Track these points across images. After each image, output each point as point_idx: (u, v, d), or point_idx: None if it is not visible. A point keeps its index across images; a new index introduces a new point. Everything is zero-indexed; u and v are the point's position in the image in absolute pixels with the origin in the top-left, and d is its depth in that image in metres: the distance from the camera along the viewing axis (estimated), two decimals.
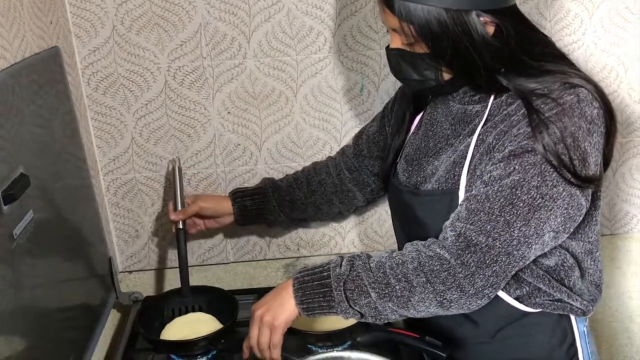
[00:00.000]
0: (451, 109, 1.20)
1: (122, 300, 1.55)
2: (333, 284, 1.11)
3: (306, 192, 1.46)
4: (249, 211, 1.46)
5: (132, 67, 1.45)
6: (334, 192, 1.46)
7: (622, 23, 1.50)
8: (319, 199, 1.46)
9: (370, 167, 1.44)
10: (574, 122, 1.02)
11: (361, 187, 1.46)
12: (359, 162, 1.44)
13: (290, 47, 1.46)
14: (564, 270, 1.15)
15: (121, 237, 1.60)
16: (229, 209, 1.46)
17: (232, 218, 1.47)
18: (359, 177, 1.45)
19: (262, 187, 1.48)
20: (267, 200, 1.46)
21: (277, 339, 1.14)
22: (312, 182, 1.46)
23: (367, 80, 1.51)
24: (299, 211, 1.48)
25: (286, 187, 1.46)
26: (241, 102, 1.50)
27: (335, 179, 1.46)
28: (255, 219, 1.48)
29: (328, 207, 1.48)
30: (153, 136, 1.51)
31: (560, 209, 1.04)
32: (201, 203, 1.45)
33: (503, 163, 1.05)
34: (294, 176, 1.48)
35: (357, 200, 1.49)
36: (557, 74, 1.07)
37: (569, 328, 1.20)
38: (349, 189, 1.46)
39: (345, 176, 1.46)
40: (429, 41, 1.06)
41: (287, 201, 1.46)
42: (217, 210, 1.46)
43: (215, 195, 1.52)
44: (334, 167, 1.47)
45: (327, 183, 1.46)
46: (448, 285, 1.05)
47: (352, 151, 1.46)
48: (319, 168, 1.48)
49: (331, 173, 1.46)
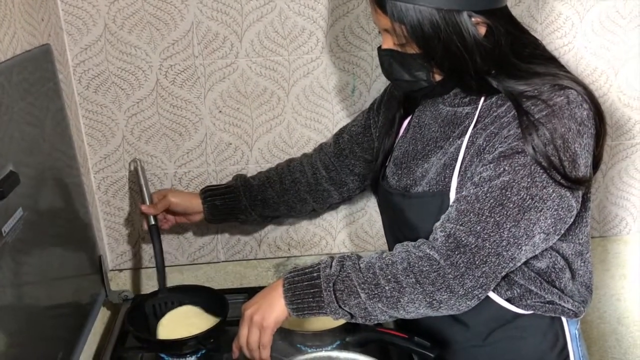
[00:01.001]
0: (440, 111, 1.20)
1: (112, 299, 1.54)
2: (323, 285, 1.11)
3: (279, 191, 1.45)
4: (219, 210, 1.45)
5: (123, 65, 1.45)
6: (307, 191, 1.46)
7: (612, 27, 1.50)
8: (292, 197, 1.46)
9: (350, 166, 1.43)
10: (564, 123, 1.03)
11: (338, 186, 1.46)
12: (339, 161, 1.44)
13: (282, 47, 1.46)
14: (555, 272, 1.15)
15: (111, 235, 1.60)
16: (198, 207, 1.45)
17: (202, 216, 1.47)
18: (336, 176, 1.45)
19: (233, 186, 1.46)
20: (237, 200, 1.45)
21: (266, 339, 1.14)
22: (285, 181, 1.45)
23: (359, 81, 1.51)
24: (271, 210, 1.47)
25: (258, 185, 1.45)
26: (233, 102, 1.50)
27: (309, 178, 1.45)
28: (225, 217, 1.48)
29: (301, 205, 1.48)
30: (144, 135, 1.51)
31: (550, 210, 1.04)
32: (171, 198, 1.44)
33: (493, 164, 1.06)
34: (267, 174, 1.47)
35: (332, 199, 1.49)
36: (546, 75, 1.08)
37: (561, 331, 1.20)
38: (324, 188, 1.46)
39: (322, 175, 1.45)
40: (420, 41, 1.06)
41: (259, 200, 1.45)
42: (186, 208, 1.46)
43: (186, 192, 1.52)
44: (309, 166, 1.46)
45: (300, 182, 1.45)
46: (437, 286, 1.05)
47: (333, 150, 1.45)
48: (293, 166, 1.47)
49: (306, 172, 1.46)
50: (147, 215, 1.44)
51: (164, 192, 1.46)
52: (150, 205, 1.44)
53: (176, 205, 1.45)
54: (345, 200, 1.53)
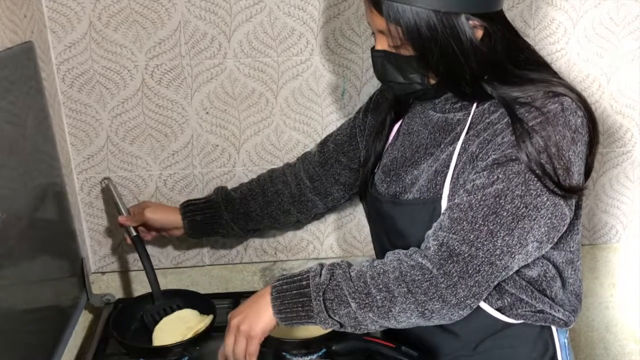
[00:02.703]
0: (431, 117, 1.18)
1: (94, 302, 1.51)
2: (312, 294, 1.08)
3: (262, 204, 1.42)
4: (200, 225, 1.42)
5: (108, 65, 1.42)
6: (291, 203, 1.43)
7: (605, 33, 1.49)
8: (276, 210, 1.43)
9: (336, 176, 1.40)
10: (558, 131, 1.01)
11: (323, 196, 1.43)
12: (324, 170, 1.41)
13: (272, 48, 1.43)
14: (546, 281, 1.14)
15: (94, 237, 1.56)
16: (178, 222, 1.42)
17: (183, 231, 1.43)
18: (321, 186, 1.42)
19: (213, 200, 1.43)
20: (218, 215, 1.42)
21: (253, 348, 1.11)
22: (267, 193, 1.42)
23: (349, 84, 1.49)
24: (254, 223, 1.44)
25: (240, 199, 1.42)
26: (220, 103, 1.47)
27: (293, 189, 1.42)
28: (206, 232, 1.45)
29: (285, 217, 1.45)
30: (129, 135, 1.48)
31: (544, 219, 1.03)
32: (148, 214, 1.41)
33: (486, 172, 1.04)
34: (249, 186, 1.44)
35: (317, 209, 1.46)
36: (540, 82, 1.06)
37: (550, 340, 1.19)
38: (308, 198, 1.43)
39: (306, 185, 1.42)
40: (416, 44, 1.04)
41: (241, 214, 1.42)
42: (164, 224, 1.43)
43: (165, 207, 1.47)
44: (292, 176, 1.43)
45: (284, 193, 1.42)
46: (430, 296, 1.03)
47: (317, 159, 1.42)
48: (275, 177, 1.44)
49: (289, 182, 1.43)
50: (127, 227, 1.41)
51: (142, 206, 1.43)
52: (128, 216, 1.41)
53: (153, 222, 1.42)
54: (330, 209, 1.51)
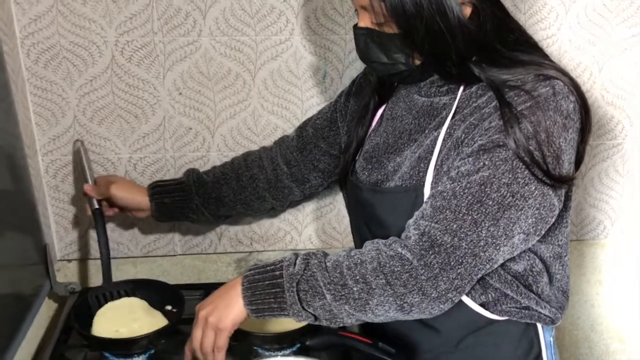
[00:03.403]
0: (415, 102, 1.14)
1: (58, 291, 1.44)
2: (285, 285, 1.03)
3: (235, 189, 1.36)
4: (168, 209, 1.35)
5: (76, 40, 1.34)
6: (266, 189, 1.37)
7: (598, 20, 1.44)
8: (250, 195, 1.37)
9: (315, 162, 1.35)
10: (549, 116, 0.97)
11: (300, 183, 1.37)
12: (302, 156, 1.35)
13: (250, 27, 1.37)
14: (533, 276, 1.10)
15: (60, 223, 1.49)
16: (144, 204, 1.35)
17: (148, 213, 1.36)
18: (298, 172, 1.36)
19: (184, 183, 1.36)
20: (189, 199, 1.35)
21: (222, 342, 1.06)
22: (242, 178, 1.36)
23: (331, 67, 1.43)
24: (226, 209, 1.38)
25: (212, 183, 1.36)
26: (194, 83, 1.40)
27: (269, 174, 1.36)
28: (175, 217, 1.38)
29: (259, 203, 1.39)
30: (97, 115, 1.40)
31: (531, 209, 0.98)
32: (113, 190, 1.34)
33: (472, 158, 0.99)
34: (222, 170, 1.38)
35: (294, 196, 1.40)
36: (531, 65, 1.02)
37: (536, 338, 1.15)
38: (285, 185, 1.37)
39: (282, 171, 1.36)
40: (400, 20, 0.99)
41: (213, 198, 1.36)
42: (129, 203, 1.36)
43: (133, 185, 1.40)
44: (268, 161, 1.37)
45: (259, 179, 1.36)
46: (409, 288, 0.99)
47: (296, 144, 1.36)
48: (250, 161, 1.38)
49: (265, 167, 1.37)
50: (90, 198, 1.33)
51: (110, 180, 1.36)
52: (94, 186, 1.34)
53: (118, 199, 1.35)
54: (307, 197, 1.45)
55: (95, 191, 1.33)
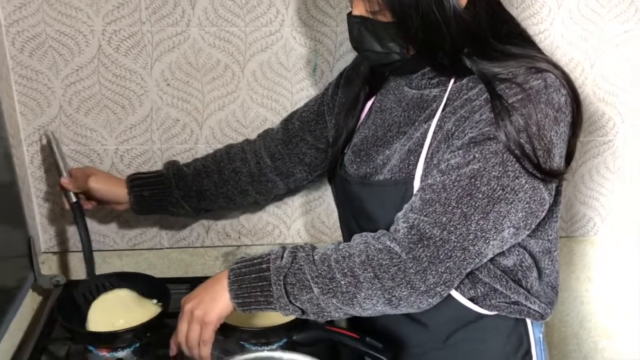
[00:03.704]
0: (405, 94, 1.12)
1: (42, 284, 1.42)
2: (272, 278, 1.01)
3: (217, 182, 1.34)
4: (147, 202, 1.33)
5: (62, 29, 1.32)
6: (249, 182, 1.35)
7: (591, 15, 1.43)
8: (232, 189, 1.34)
9: (300, 155, 1.33)
10: (540, 109, 0.96)
11: (284, 176, 1.35)
12: (288, 149, 1.33)
13: (239, 17, 1.35)
14: (522, 271, 1.09)
15: (45, 214, 1.47)
16: (123, 196, 1.32)
17: (127, 206, 1.34)
18: (283, 165, 1.34)
19: (164, 175, 1.34)
20: (168, 192, 1.33)
21: (207, 335, 1.04)
22: (224, 171, 1.34)
23: (321, 59, 1.41)
24: (207, 202, 1.36)
25: (193, 175, 1.33)
26: (182, 74, 1.38)
27: (252, 168, 1.34)
28: (154, 210, 1.36)
29: (242, 197, 1.37)
30: (83, 106, 1.38)
31: (521, 203, 0.97)
32: (92, 183, 1.30)
33: (462, 151, 0.98)
34: (203, 163, 1.35)
35: (278, 190, 1.38)
36: (523, 57, 1.01)
37: (525, 334, 1.14)
38: (269, 178, 1.35)
39: (266, 164, 1.34)
40: (396, 9, 0.97)
41: (193, 192, 1.33)
42: (107, 197, 1.33)
43: (111, 177, 1.37)
44: (252, 154, 1.35)
45: (242, 172, 1.34)
46: (397, 282, 0.98)
47: (281, 137, 1.34)
48: (233, 154, 1.35)
49: (248, 160, 1.34)
50: (67, 192, 1.30)
51: (87, 172, 1.32)
52: (71, 179, 1.30)
53: (96, 192, 1.32)
54: (291, 191, 1.43)
55: (73, 184, 1.30)
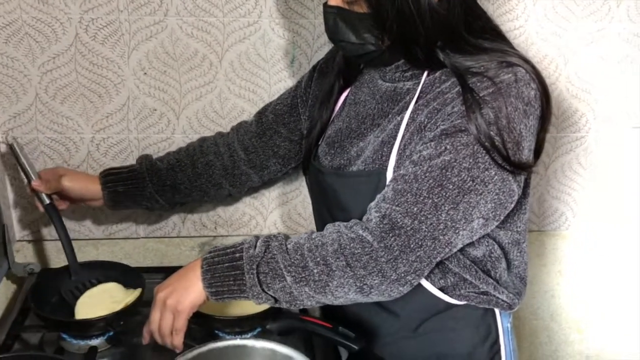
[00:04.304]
0: (379, 87, 1.14)
1: (16, 272, 1.41)
2: (245, 267, 1.02)
3: (190, 176, 1.34)
4: (121, 197, 1.33)
5: (39, 15, 1.31)
6: (223, 175, 1.35)
7: (565, 13, 1.45)
8: (206, 182, 1.35)
9: (274, 148, 1.33)
10: (510, 102, 0.97)
11: (258, 169, 1.36)
12: (262, 142, 1.33)
13: (217, 8, 1.35)
14: (491, 261, 1.11)
15: (20, 203, 1.46)
16: (97, 192, 1.32)
17: (102, 202, 1.34)
18: (256, 158, 1.34)
19: (137, 170, 1.33)
20: (142, 186, 1.32)
21: (180, 324, 1.05)
22: (197, 165, 1.34)
23: (299, 51, 1.42)
24: (181, 195, 1.36)
25: (166, 169, 1.33)
26: (160, 64, 1.38)
27: (226, 161, 1.34)
28: (128, 205, 1.36)
29: (216, 190, 1.37)
30: (60, 94, 1.37)
31: (491, 194, 0.99)
32: (66, 183, 1.29)
33: (434, 142, 0.99)
34: (177, 157, 1.35)
35: (252, 182, 1.39)
36: (495, 52, 1.02)
37: (493, 324, 1.16)
38: (242, 171, 1.35)
39: (240, 157, 1.34)
40: (372, 0, 0.99)
41: (167, 186, 1.33)
42: (83, 194, 1.32)
43: (83, 175, 1.36)
44: (225, 147, 1.35)
45: (215, 165, 1.34)
46: (369, 270, 0.99)
47: (255, 130, 1.34)
48: (206, 147, 1.35)
49: (221, 154, 1.34)
50: (40, 194, 1.28)
51: (58, 172, 1.31)
52: (42, 182, 1.27)
53: (71, 191, 1.31)
54: (265, 183, 1.43)
55: (45, 186, 1.27)
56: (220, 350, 1.05)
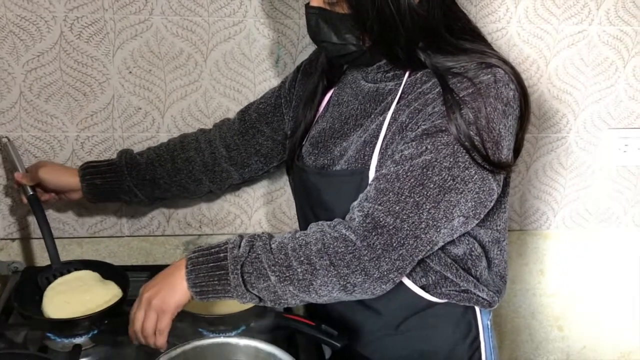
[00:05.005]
0: (362, 88, 1.15)
1: (0, 270, 1.41)
2: (230, 267, 1.03)
3: (170, 171, 1.34)
4: (100, 190, 1.33)
5: (23, 14, 1.31)
6: (203, 172, 1.35)
7: (546, 15, 1.47)
8: (185, 178, 1.35)
9: (257, 146, 1.34)
10: (490, 102, 0.99)
11: (239, 167, 1.36)
12: (244, 140, 1.34)
13: (202, 7, 1.35)
14: (472, 260, 1.12)
15: (4, 201, 1.45)
16: (74, 184, 1.32)
17: (81, 194, 1.34)
18: (238, 156, 1.35)
19: (116, 164, 1.34)
20: (121, 180, 1.32)
21: (164, 324, 1.05)
22: (177, 160, 1.34)
23: (284, 51, 1.42)
24: (161, 190, 1.36)
25: (146, 164, 1.33)
26: (145, 62, 1.38)
27: (206, 157, 1.35)
28: (107, 198, 1.36)
29: (195, 186, 1.37)
30: (44, 92, 1.37)
31: (471, 193, 1.00)
32: (42, 174, 1.30)
33: (415, 142, 1.01)
34: (157, 151, 1.35)
35: (232, 180, 1.39)
36: (474, 53, 1.04)
37: (474, 321, 1.17)
38: (223, 168, 1.35)
39: (221, 154, 1.35)
40: (353, 1, 1.00)
41: (147, 180, 1.33)
42: (59, 185, 1.32)
43: (62, 167, 1.37)
44: (206, 143, 1.35)
45: (195, 161, 1.34)
46: (352, 269, 1.00)
47: (237, 127, 1.35)
48: (187, 143, 1.36)
49: (202, 150, 1.35)
50: (24, 186, 1.30)
51: (38, 165, 1.32)
52: (24, 174, 1.31)
53: (47, 182, 1.31)
54: (246, 181, 1.43)
55: (27, 178, 1.30)
56: (204, 348, 1.05)
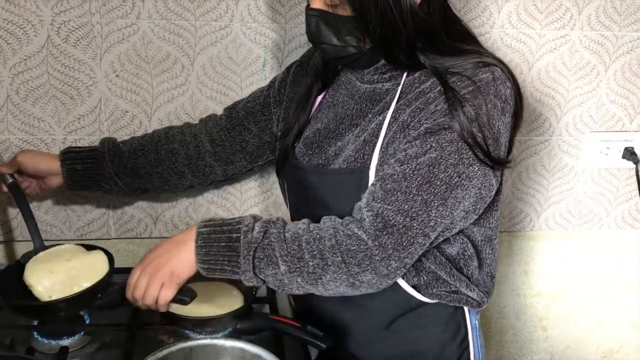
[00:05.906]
0: (358, 88, 1.16)
1: None
2: (242, 251, 1.03)
3: (152, 161, 1.33)
4: (80, 175, 1.32)
5: (10, 17, 1.31)
6: (186, 165, 1.35)
7: (529, 20, 1.49)
8: (168, 169, 1.34)
9: (243, 143, 1.34)
10: (490, 99, 1.01)
11: (223, 163, 1.36)
12: (230, 136, 1.34)
13: (189, 11, 1.36)
14: (464, 259, 1.14)
15: None
16: (55, 169, 1.31)
17: (62, 180, 1.33)
18: (223, 152, 1.35)
19: (98, 150, 1.33)
20: (101, 166, 1.32)
21: (169, 294, 1.06)
22: (160, 151, 1.33)
23: (270, 55, 1.43)
24: (142, 181, 1.35)
25: (129, 152, 1.33)
26: (132, 66, 1.39)
27: (191, 150, 1.34)
28: (87, 185, 1.34)
29: (177, 179, 1.36)
30: (31, 95, 1.38)
31: (474, 189, 1.03)
32: (20, 158, 1.30)
33: (419, 140, 1.03)
34: (141, 141, 1.35)
35: (215, 175, 1.38)
36: (471, 53, 1.07)
37: (463, 321, 1.19)
38: (206, 163, 1.35)
39: (206, 149, 1.34)
40: (356, 4, 1.01)
41: (128, 169, 1.32)
42: (38, 169, 1.31)
43: (42, 153, 1.36)
44: (191, 137, 1.35)
45: (179, 153, 1.34)
46: (363, 268, 1.01)
47: (224, 124, 1.35)
48: (172, 135, 1.35)
49: (187, 143, 1.35)
50: (3, 175, 1.29)
51: (17, 153, 1.32)
52: (2, 163, 1.30)
53: (27, 166, 1.30)
54: (229, 178, 1.43)
55: (6, 166, 1.29)
56: (190, 350, 1.05)
